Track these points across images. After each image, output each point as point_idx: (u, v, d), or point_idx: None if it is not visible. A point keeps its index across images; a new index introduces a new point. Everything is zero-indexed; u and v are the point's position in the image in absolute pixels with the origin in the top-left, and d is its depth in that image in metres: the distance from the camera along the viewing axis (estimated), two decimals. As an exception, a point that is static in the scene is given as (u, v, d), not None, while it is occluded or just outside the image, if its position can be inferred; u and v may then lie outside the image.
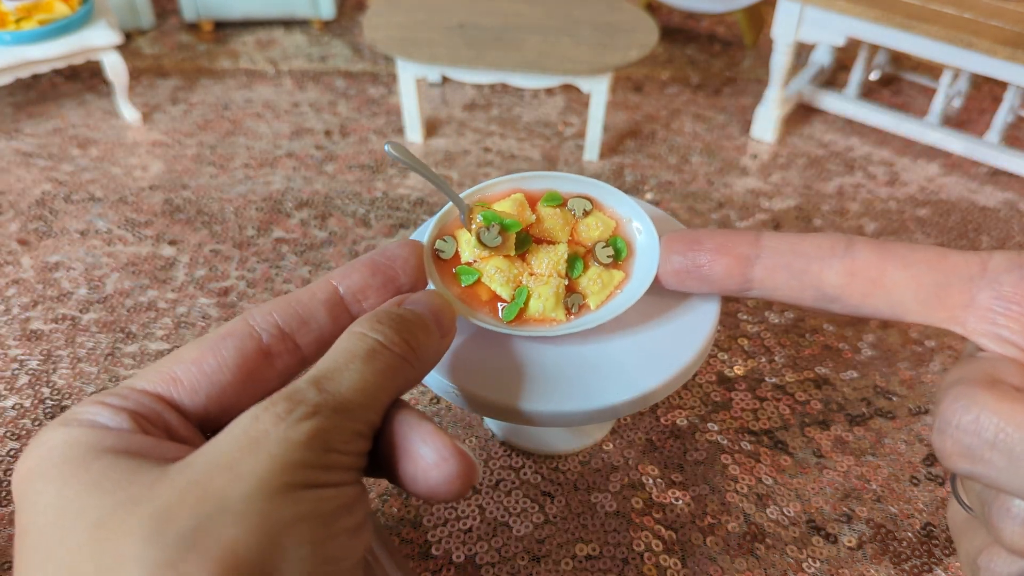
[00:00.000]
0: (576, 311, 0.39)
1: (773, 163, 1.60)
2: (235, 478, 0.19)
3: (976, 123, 1.72)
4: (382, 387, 0.23)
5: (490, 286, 0.38)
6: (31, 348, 1.16)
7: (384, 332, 0.24)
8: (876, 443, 1.05)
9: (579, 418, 0.44)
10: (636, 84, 1.86)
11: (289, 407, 0.21)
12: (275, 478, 0.19)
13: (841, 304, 0.27)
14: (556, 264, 0.39)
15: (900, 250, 0.26)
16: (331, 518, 0.20)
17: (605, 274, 0.39)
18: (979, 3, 1.40)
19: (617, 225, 0.40)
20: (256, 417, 0.21)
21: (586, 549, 0.92)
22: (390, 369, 0.23)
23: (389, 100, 1.76)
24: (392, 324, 0.24)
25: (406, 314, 0.25)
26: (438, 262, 0.39)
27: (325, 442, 0.20)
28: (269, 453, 0.20)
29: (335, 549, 0.20)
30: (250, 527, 0.18)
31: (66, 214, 1.41)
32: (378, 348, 0.23)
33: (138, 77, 1.82)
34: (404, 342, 0.24)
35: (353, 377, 0.22)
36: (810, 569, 0.91)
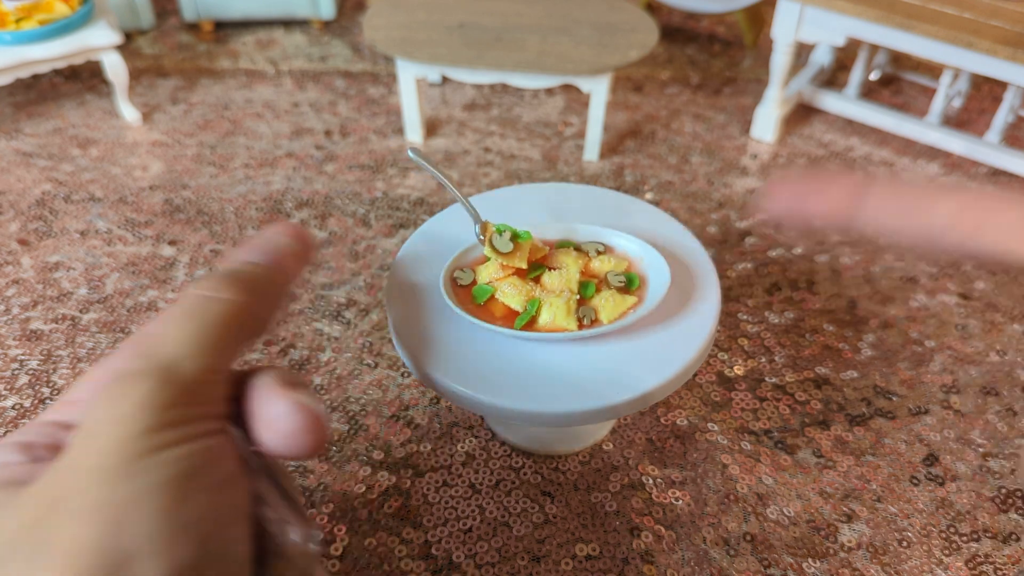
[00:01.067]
0: (588, 323, 0.40)
1: (773, 163, 1.60)
2: (72, 475, 0.19)
3: (976, 123, 1.72)
4: (212, 334, 0.22)
5: (503, 301, 0.39)
6: (31, 348, 1.16)
7: (204, 283, 0.23)
8: (876, 443, 1.05)
9: (579, 418, 0.44)
10: (636, 84, 1.86)
11: (115, 387, 0.20)
12: (109, 459, 0.19)
13: (950, 236, 0.28)
14: (569, 282, 0.40)
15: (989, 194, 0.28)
16: (186, 478, 0.19)
17: (618, 296, 0.40)
18: (979, 3, 1.40)
19: (630, 263, 0.42)
20: (90, 408, 0.20)
21: (586, 549, 0.92)
22: (221, 315, 0.22)
23: (389, 100, 1.76)
24: (221, 273, 0.24)
25: (237, 266, 0.25)
26: (456, 288, 0.40)
27: (159, 404, 0.20)
28: (102, 437, 0.19)
29: (198, 509, 0.19)
30: (88, 520, 0.18)
31: (66, 214, 1.41)
32: (200, 299, 0.23)
33: (138, 77, 1.82)
34: (230, 286, 0.23)
35: (177, 333, 0.21)
36: (810, 569, 0.91)
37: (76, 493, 0.19)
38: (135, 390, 0.20)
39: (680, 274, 0.51)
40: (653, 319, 0.43)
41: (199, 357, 0.21)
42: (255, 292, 0.24)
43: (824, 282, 1.30)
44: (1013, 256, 0.27)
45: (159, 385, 0.20)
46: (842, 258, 1.35)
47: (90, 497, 0.18)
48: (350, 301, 1.24)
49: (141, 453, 0.19)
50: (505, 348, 0.42)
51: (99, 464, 0.19)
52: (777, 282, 1.29)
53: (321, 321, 1.21)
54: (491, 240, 0.40)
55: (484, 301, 0.40)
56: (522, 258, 0.40)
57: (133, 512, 0.18)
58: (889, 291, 1.28)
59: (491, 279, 0.40)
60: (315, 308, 1.23)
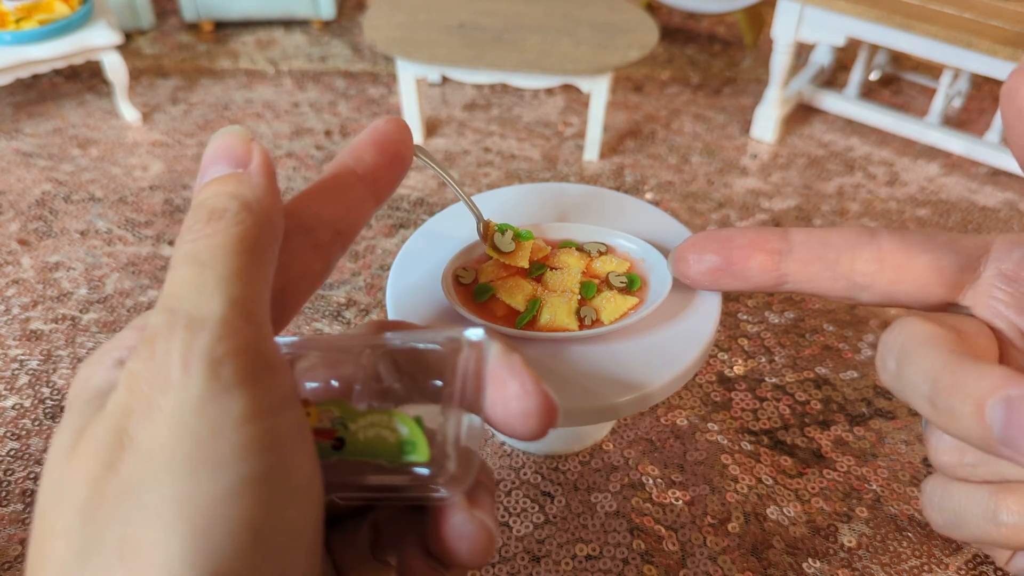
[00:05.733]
0: (590, 324, 0.40)
1: (773, 163, 1.60)
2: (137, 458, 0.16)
3: (976, 123, 1.72)
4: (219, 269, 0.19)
5: (504, 300, 0.39)
6: (31, 348, 1.16)
7: (190, 228, 0.21)
8: (876, 443, 1.05)
9: (579, 418, 0.44)
10: (636, 84, 1.86)
11: (144, 348, 0.18)
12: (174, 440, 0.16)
13: (871, 292, 0.28)
14: (570, 282, 0.40)
15: (918, 237, 0.27)
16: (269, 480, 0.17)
17: (619, 297, 0.40)
18: (979, 3, 1.40)
19: (632, 264, 0.42)
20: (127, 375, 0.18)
21: (586, 549, 0.92)
22: (217, 247, 0.20)
23: (389, 100, 1.76)
24: (192, 217, 0.21)
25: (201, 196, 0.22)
26: (458, 287, 0.40)
27: (204, 355, 0.17)
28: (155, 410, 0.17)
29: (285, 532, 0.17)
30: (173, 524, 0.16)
31: (66, 214, 1.41)
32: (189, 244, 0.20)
33: (138, 77, 1.82)
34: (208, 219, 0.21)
35: (184, 281, 0.19)
36: (810, 569, 0.91)
37: (148, 481, 0.16)
38: (172, 346, 0.17)
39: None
40: (654, 320, 0.43)
41: (221, 295, 0.18)
42: (241, 212, 0.21)
43: (824, 282, 1.30)
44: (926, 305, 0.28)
45: (193, 335, 0.17)
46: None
47: (167, 488, 0.16)
48: (350, 301, 1.24)
49: (212, 433, 0.16)
50: None
51: (164, 444, 0.16)
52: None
53: (321, 321, 1.21)
54: (493, 239, 0.40)
55: (485, 300, 0.40)
56: (524, 258, 0.40)
57: (221, 519, 0.16)
58: (889, 291, 1.28)
59: (492, 278, 0.40)
60: (315, 308, 1.23)
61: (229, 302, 0.18)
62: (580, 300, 0.41)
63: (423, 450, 0.20)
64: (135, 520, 0.16)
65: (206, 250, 0.19)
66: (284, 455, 0.17)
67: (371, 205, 0.26)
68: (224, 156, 0.23)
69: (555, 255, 0.42)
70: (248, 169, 0.23)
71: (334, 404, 0.21)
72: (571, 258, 0.42)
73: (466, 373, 0.21)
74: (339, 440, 0.21)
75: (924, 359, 0.21)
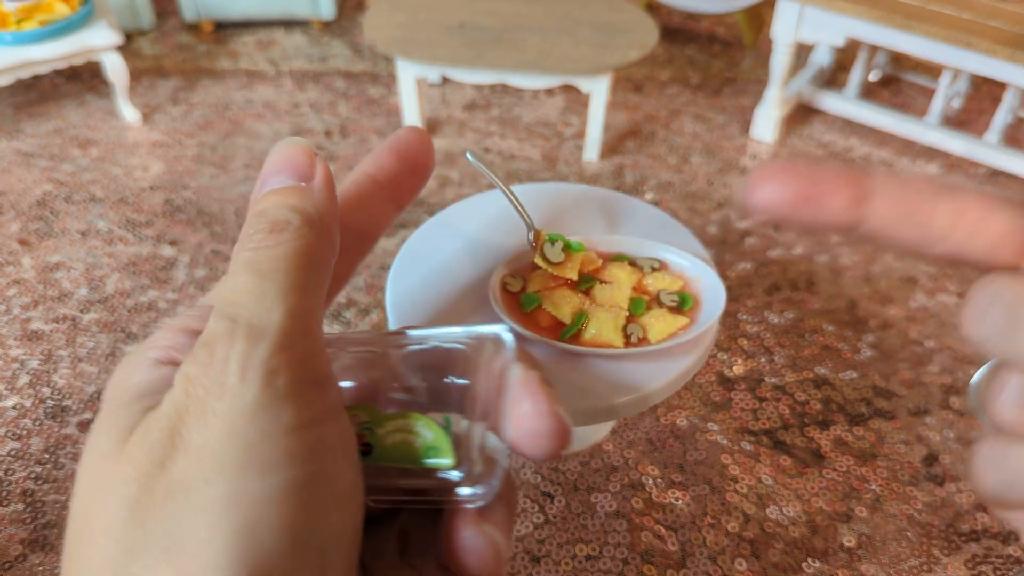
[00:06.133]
0: (636, 341, 0.39)
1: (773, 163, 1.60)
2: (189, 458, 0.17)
3: (976, 123, 1.72)
4: (280, 280, 0.20)
5: (551, 311, 0.39)
6: (31, 348, 1.16)
7: (251, 236, 0.21)
8: (876, 443, 1.05)
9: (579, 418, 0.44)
10: (636, 84, 1.86)
11: (202, 352, 0.18)
12: (228, 440, 0.17)
13: (944, 244, 0.28)
14: (619, 298, 0.40)
15: (996, 195, 0.28)
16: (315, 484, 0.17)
17: (668, 315, 0.39)
18: (979, 3, 1.40)
19: (685, 283, 0.41)
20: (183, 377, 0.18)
21: (586, 549, 0.92)
22: (278, 258, 0.20)
23: (389, 100, 1.76)
24: (254, 225, 0.21)
25: (262, 205, 0.23)
26: (505, 294, 0.40)
27: (261, 365, 0.18)
28: (209, 413, 0.17)
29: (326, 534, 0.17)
30: (220, 521, 0.16)
31: (66, 214, 1.41)
32: (250, 252, 0.20)
33: (138, 77, 1.82)
34: (271, 230, 0.21)
35: (246, 289, 0.19)
36: (810, 569, 0.91)
37: (198, 480, 0.17)
38: (232, 354, 0.18)
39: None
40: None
41: (281, 306, 0.19)
42: (303, 227, 0.21)
43: (824, 282, 1.30)
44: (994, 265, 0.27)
45: (252, 344, 0.18)
46: (842, 258, 1.35)
47: (215, 489, 0.16)
48: (350, 301, 1.24)
49: (263, 439, 0.17)
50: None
51: (216, 446, 0.17)
52: (777, 282, 1.29)
53: (321, 321, 1.21)
54: (542, 249, 0.39)
55: (531, 310, 0.39)
56: (573, 269, 0.40)
57: (266, 519, 0.16)
58: (889, 291, 1.28)
59: (540, 288, 0.40)
60: (315, 308, 1.23)
61: (288, 314, 0.19)
62: (628, 317, 0.40)
63: (448, 454, 0.21)
64: (183, 518, 0.16)
65: (268, 261, 0.20)
66: (328, 463, 0.18)
67: (392, 211, 0.27)
68: (287, 167, 0.23)
69: (606, 268, 0.42)
70: (311, 184, 0.23)
71: (361, 409, 0.21)
72: (622, 272, 0.41)
73: (489, 373, 0.22)
74: (367, 445, 0.21)
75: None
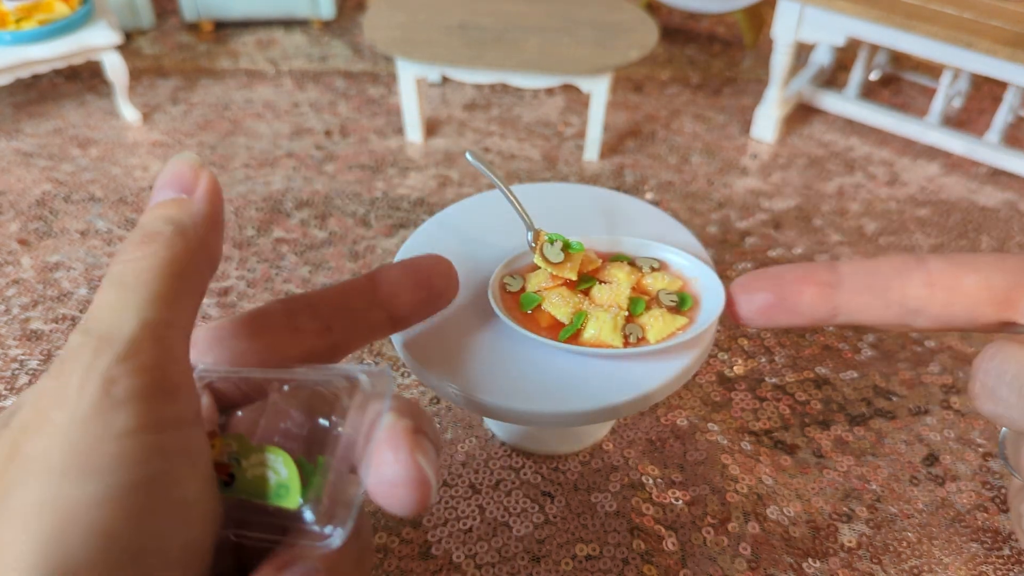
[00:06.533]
0: (634, 341, 0.39)
1: (773, 163, 1.60)
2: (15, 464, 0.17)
3: (976, 123, 1.72)
4: (143, 291, 0.20)
5: (550, 311, 0.39)
6: (31, 348, 1.16)
7: (124, 249, 0.21)
8: (876, 443, 1.05)
9: (579, 418, 0.44)
10: (636, 84, 1.86)
11: (55, 365, 0.18)
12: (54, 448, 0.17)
13: (924, 317, 0.28)
14: (618, 297, 0.40)
15: (967, 258, 0.27)
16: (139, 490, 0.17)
17: (668, 316, 0.39)
18: (979, 3, 1.40)
19: (685, 283, 0.41)
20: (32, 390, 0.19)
21: (586, 549, 0.92)
22: (146, 270, 0.20)
23: (389, 100, 1.76)
24: (129, 239, 0.22)
25: (142, 219, 0.23)
26: (505, 294, 0.40)
27: (102, 375, 0.18)
28: (45, 422, 0.17)
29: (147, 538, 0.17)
30: (28, 523, 0.16)
31: (66, 214, 1.41)
32: (119, 265, 0.21)
33: (138, 77, 1.82)
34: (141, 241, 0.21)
35: (106, 302, 0.19)
36: (810, 569, 0.91)
37: (19, 486, 0.17)
38: (76, 366, 0.18)
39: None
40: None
41: (135, 317, 0.19)
42: (174, 236, 0.21)
43: (824, 282, 1.30)
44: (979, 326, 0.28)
45: (97, 355, 0.18)
46: (842, 258, 1.35)
47: (32, 495, 0.16)
48: (350, 301, 1.24)
49: (92, 444, 0.17)
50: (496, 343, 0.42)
51: (44, 454, 0.17)
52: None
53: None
54: (541, 249, 0.39)
55: (531, 310, 0.39)
56: (573, 269, 0.39)
57: (78, 522, 0.16)
58: (889, 291, 1.28)
59: (540, 288, 0.40)
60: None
61: (141, 324, 0.19)
62: (627, 317, 0.40)
63: (294, 496, 0.20)
64: (2, 525, 0.16)
65: (132, 273, 0.20)
66: (164, 470, 0.18)
67: (384, 323, 0.28)
68: (172, 182, 0.23)
69: (605, 268, 0.42)
70: (192, 196, 0.23)
71: (234, 438, 0.21)
72: (621, 272, 0.41)
73: (362, 419, 0.21)
74: (231, 476, 0.21)
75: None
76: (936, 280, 0.27)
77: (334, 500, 0.20)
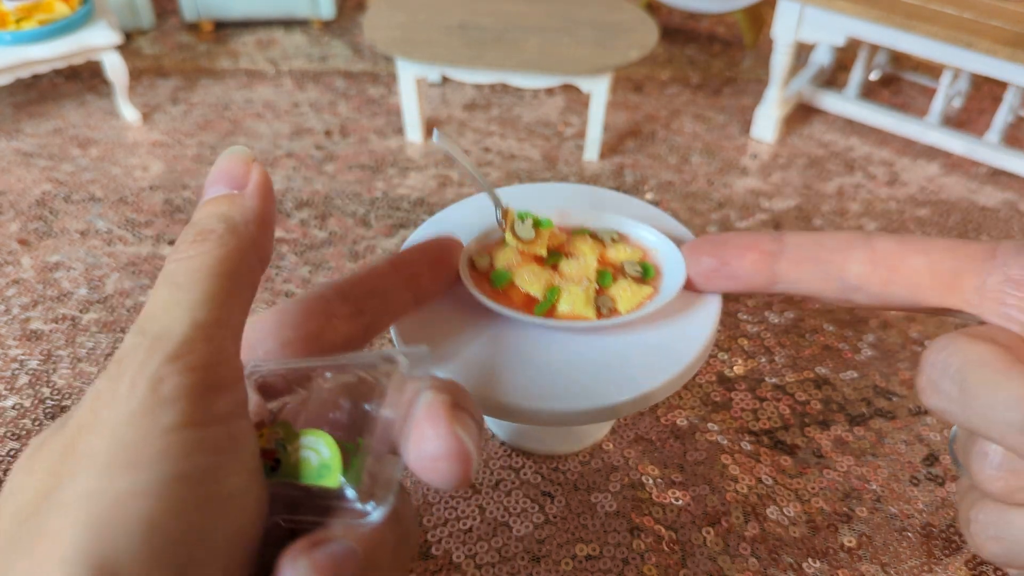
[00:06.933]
0: (607, 313, 0.40)
1: (773, 163, 1.60)
2: (68, 459, 0.18)
3: (976, 123, 1.72)
4: (195, 291, 0.20)
5: (522, 288, 0.39)
6: (31, 348, 1.16)
7: (177, 247, 0.22)
8: (876, 443, 1.05)
9: (579, 418, 0.44)
10: (636, 84, 1.86)
11: (111, 367, 0.19)
12: (104, 444, 0.18)
13: (863, 293, 0.28)
14: (587, 270, 0.40)
15: (917, 240, 0.27)
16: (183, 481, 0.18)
17: (634, 286, 0.40)
18: (979, 3, 1.40)
19: (645, 253, 0.42)
20: (89, 391, 0.19)
21: (586, 549, 0.92)
22: (197, 270, 0.21)
23: (389, 100, 1.76)
24: (182, 236, 0.23)
25: (195, 216, 0.24)
26: (472, 271, 0.40)
27: (152, 376, 0.18)
28: (98, 421, 0.18)
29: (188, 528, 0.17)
30: (74, 515, 0.17)
31: (66, 214, 1.41)
32: (172, 265, 0.21)
33: (138, 77, 1.82)
34: (194, 240, 0.22)
35: (159, 302, 0.20)
36: (810, 569, 0.91)
37: (70, 479, 0.17)
38: (128, 366, 0.19)
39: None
40: (658, 315, 0.43)
41: (186, 316, 0.20)
42: (226, 234, 0.22)
43: (824, 282, 1.30)
44: (922, 308, 0.28)
45: (149, 355, 0.19)
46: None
47: (80, 487, 0.17)
48: (350, 301, 1.24)
49: (139, 439, 0.17)
50: (508, 341, 0.42)
51: (95, 449, 0.18)
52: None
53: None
54: (512, 227, 0.39)
55: (503, 287, 0.40)
56: (542, 245, 0.40)
57: (122, 513, 0.17)
58: (889, 291, 1.28)
59: (509, 265, 0.40)
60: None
61: (193, 325, 0.20)
62: (598, 289, 0.41)
63: (335, 475, 0.20)
64: (48, 515, 0.17)
65: (184, 272, 0.21)
66: (206, 464, 0.18)
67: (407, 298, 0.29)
68: (223, 177, 0.24)
69: (570, 242, 0.42)
70: (244, 191, 0.23)
71: (280, 426, 0.22)
72: (585, 246, 0.42)
73: (400, 399, 0.21)
74: (276, 461, 0.21)
75: (1006, 383, 0.20)
76: (879, 258, 0.27)
77: (374, 478, 0.21)
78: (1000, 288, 0.25)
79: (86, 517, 0.17)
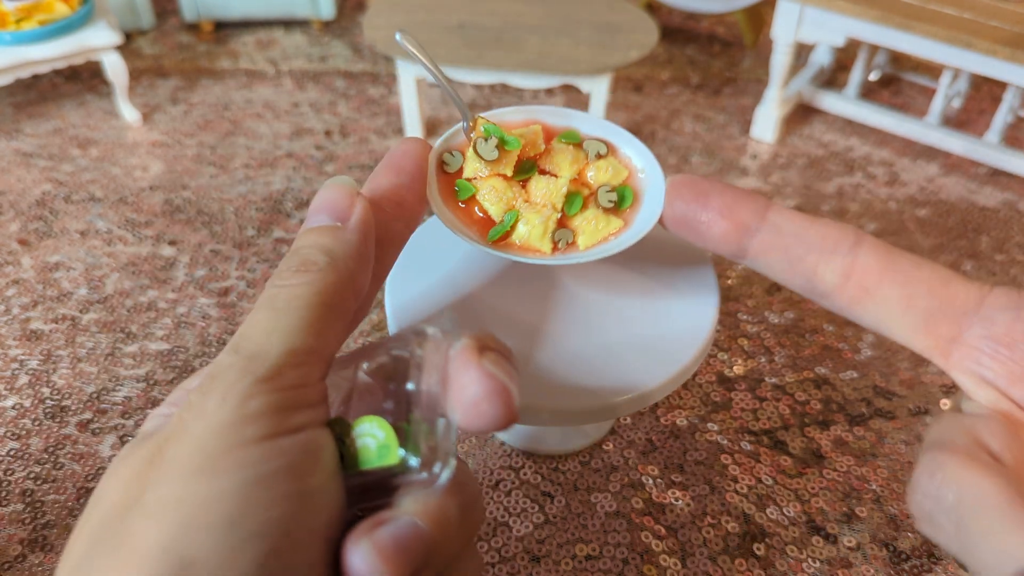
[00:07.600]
0: (563, 248, 0.37)
1: (773, 163, 1.60)
2: (156, 467, 0.19)
3: (976, 123, 1.72)
4: (294, 318, 0.21)
5: (482, 204, 0.37)
6: (31, 348, 1.16)
7: (280, 273, 0.23)
8: (876, 443, 1.05)
9: (579, 418, 0.44)
10: (636, 84, 1.86)
11: (204, 382, 0.20)
12: (191, 454, 0.19)
13: (828, 302, 0.26)
14: (553, 195, 0.36)
15: (904, 264, 0.25)
16: (261, 483, 0.18)
17: (602, 218, 0.36)
18: (979, 3, 1.40)
19: (629, 175, 0.38)
20: (183, 405, 0.20)
21: (586, 549, 0.92)
22: (297, 298, 0.22)
23: (389, 100, 1.76)
24: (286, 262, 0.23)
25: (298, 243, 0.24)
26: (441, 174, 0.37)
27: (242, 394, 0.19)
28: (187, 432, 0.19)
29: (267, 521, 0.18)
30: (160, 518, 0.18)
31: (66, 214, 1.41)
32: (274, 290, 0.22)
33: (138, 77, 1.82)
34: (298, 269, 0.23)
35: (258, 324, 0.21)
36: (810, 569, 0.91)
37: (155, 485, 0.19)
38: (220, 383, 0.20)
39: (681, 273, 0.51)
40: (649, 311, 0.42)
41: (282, 342, 0.21)
42: (327, 268, 0.23)
43: (824, 282, 1.30)
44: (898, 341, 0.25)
45: (241, 375, 0.20)
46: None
47: (165, 492, 0.18)
48: (350, 301, 1.24)
49: (223, 450, 0.19)
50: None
51: (180, 458, 0.19)
52: (777, 282, 1.29)
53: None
54: (475, 145, 0.36)
55: (466, 199, 0.37)
56: (508, 165, 0.36)
57: (203, 515, 0.18)
58: (889, 291, 1.28)
59: (475, 175, 0.37)
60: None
61: (287, 351, 0.21)
62: (560, 219, 0.37)
63: (394, 451, 0.21)
64: (134, 519, 0.18)
65: (284, 298, 0.22)
66: (285, 467, 0.19)
67: (402, 229, 0.28)
68: (328, 207, 0.25)
69: (550, 151, 0.39)
70: (346, 224, 0.24)
71: (335, 422, 0.22)
72: (565, 160, 0.38)
73: (437, 365, 0.22)
74: (340, 457, 0.22)
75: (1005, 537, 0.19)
76: (855, 274, 0.25)
77: (431, 446, 0.22)
78: (977, 345, 0.23)
79: (169, 520, 0.18)
